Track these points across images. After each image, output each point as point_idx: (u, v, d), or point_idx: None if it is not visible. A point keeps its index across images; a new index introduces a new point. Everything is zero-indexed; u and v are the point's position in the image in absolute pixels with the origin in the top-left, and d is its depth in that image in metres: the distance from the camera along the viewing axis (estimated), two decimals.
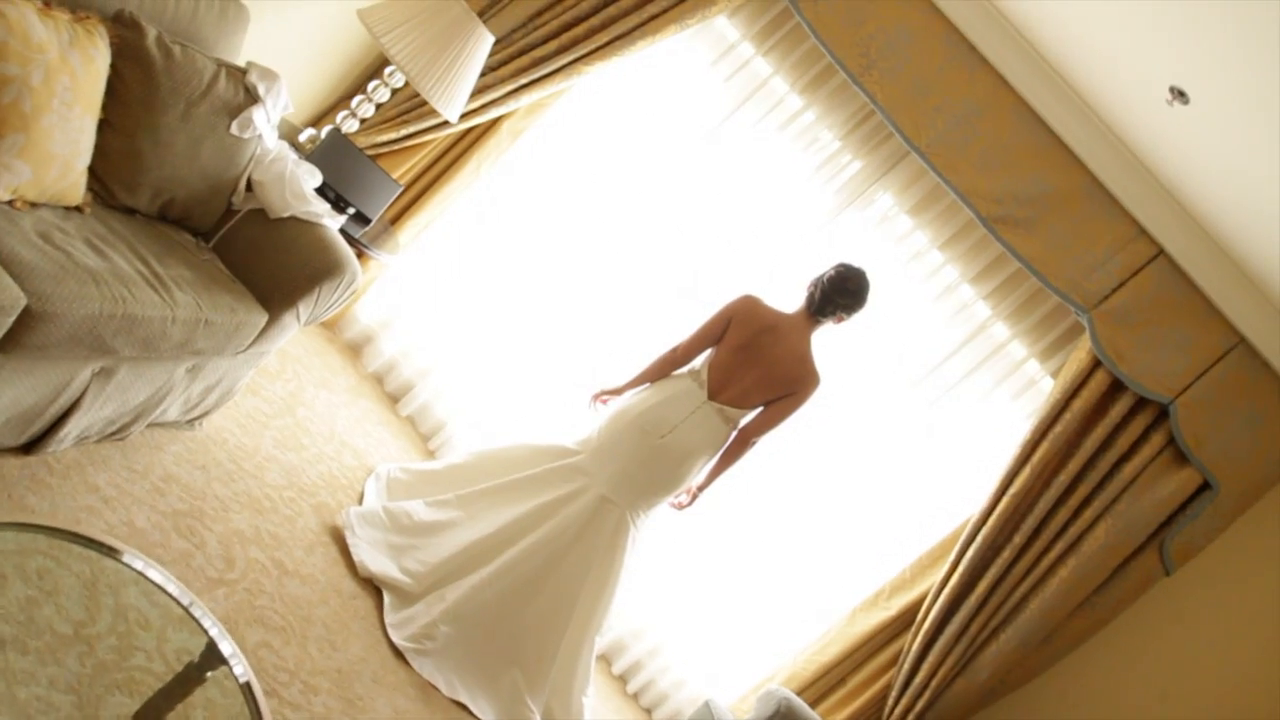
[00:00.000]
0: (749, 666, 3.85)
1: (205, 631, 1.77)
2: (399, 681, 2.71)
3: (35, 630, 1.57)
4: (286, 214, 2.65)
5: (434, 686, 2.81)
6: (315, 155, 3.15)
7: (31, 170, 1.99)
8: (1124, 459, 3.35)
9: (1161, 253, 3.31)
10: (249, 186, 2.67)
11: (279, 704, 2.26)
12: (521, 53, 3.63)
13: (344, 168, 3.28)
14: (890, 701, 3.49)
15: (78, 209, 2.20)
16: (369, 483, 3.33)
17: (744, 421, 3.20)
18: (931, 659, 3.42)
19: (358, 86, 3.73)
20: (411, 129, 3.63)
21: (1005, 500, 3.37)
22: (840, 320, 3.20)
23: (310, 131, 3.45)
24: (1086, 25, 2.90)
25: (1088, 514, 3.34)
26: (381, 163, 3.67)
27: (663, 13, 3.54)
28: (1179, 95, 2.68)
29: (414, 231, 3.89)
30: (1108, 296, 3.33)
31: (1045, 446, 3.34)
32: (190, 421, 2.74)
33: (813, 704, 3.56)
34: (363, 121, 3.62)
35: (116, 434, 2.42)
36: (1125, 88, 3.00)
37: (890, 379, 3.77)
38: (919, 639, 3.45)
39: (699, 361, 3.24)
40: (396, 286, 4.09)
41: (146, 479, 2.46)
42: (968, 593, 3.42)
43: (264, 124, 2.55)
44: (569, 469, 3.17)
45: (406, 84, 3.58)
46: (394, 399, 4.10)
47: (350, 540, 2.97)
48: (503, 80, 3.61)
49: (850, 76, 3.46)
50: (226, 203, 2.64)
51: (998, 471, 3.43)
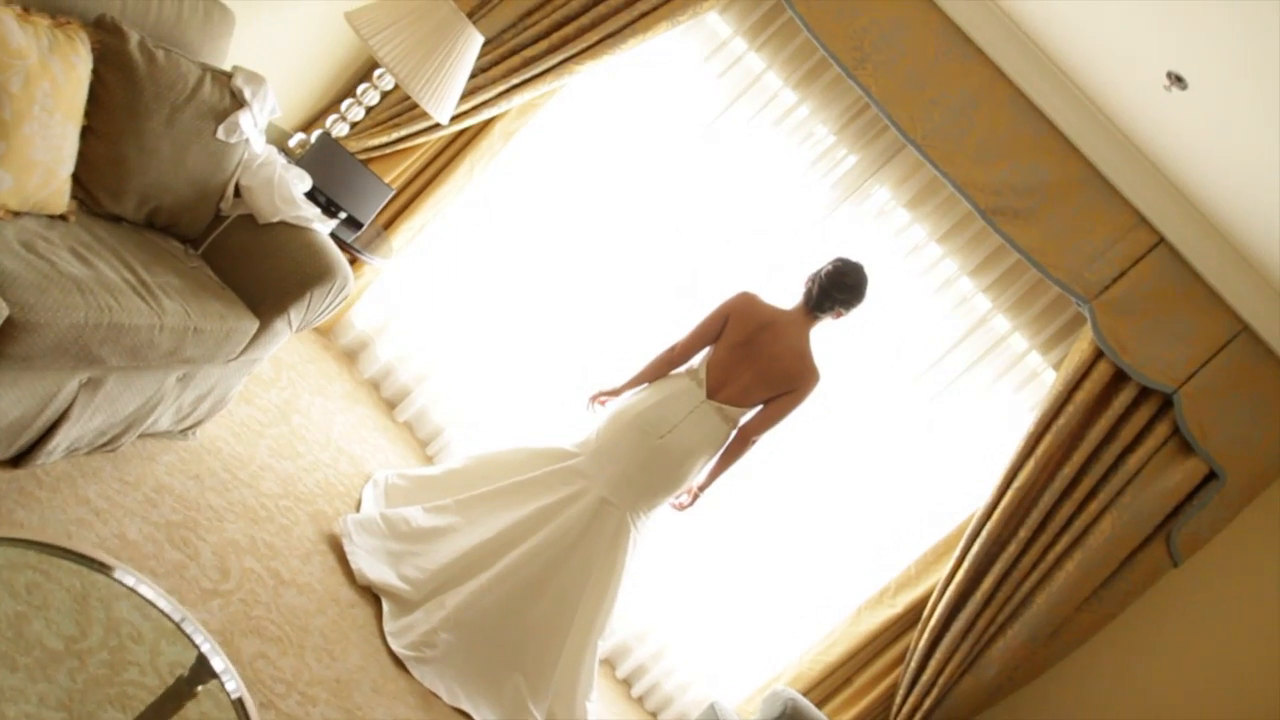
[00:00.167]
0: (754, 667, 3.82)
1: (197, 647, 1.74)
2: (399, 690, 2.67)
3: (24, 646, 1.54)
4: (276, 219, 2.61)
5: (435, 695, 2.77)
6: (305, 160, 3.13)
7: (13, 178, 1.96)
8: (1128, 450, 3.32)
9: (1162, 241, 3.29)
10: (237, 192, 2.64)
11: (276, 716, 2.23)
12: (512, 53, 3.61)
13: (334, 172, 3.25)
14: (897, 700, 3.46)
15: (62, 217, 2.16)
16: (366, 489, 3.30)
17: (744, 420, 3.17)
18: (938, 656, 3.39)
19: (347, 90, 3.70)
20: (403, 132, 3.61)
21: (1009, 494, 3.34)
22: (839, 315, 3.17)
23: (300, 136, 3.42)
24: (1081, 12, 2.87)
25: (1093, 507, 3.31)
26: (374, 167, 3.64)
27: (653, 10, 3.52)
28: (1176, 80, 2.65)
29: (408, 236, 3.86)
30: (1108, 286, 3.31)
31: (1049, 439, 3.31)
32: (183, 431, 2.71)
33: (819, 704, 3.53)
34: (353, 125, 3.59)
35: (107, 445, 2.39)
36: (1122, 74, 2.97)
37: (891, 374, 3.74)
38: (925, 636, 3.42)
39: (697, 360, 3.21)
40: (391, 291, 4.06)
41: (138, 490, 2.42)
42: (973, 588, 3.39)
43: (251, 128, 2.52)
44: (568, 471, 3.14)
45: (396, 87, 3.55)
46: (391, 405, 4.06)
47: (348, 548, 2.94)
48: (494, 81, 3.59)
49: (844, 70, 3.44)
50: (215, 209, 2.61)
51: (1001, 465, 3.40)
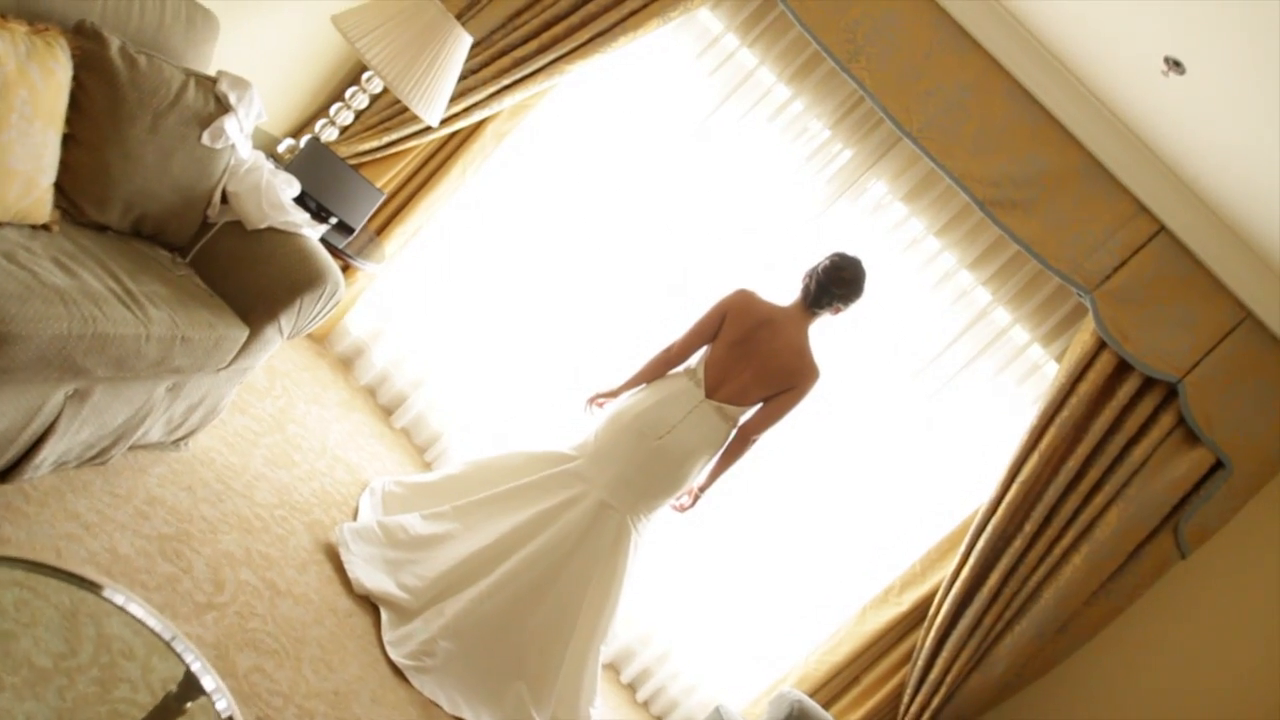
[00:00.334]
0: (760, 669, 3.78)
1: (187, 666, 1.70)
2: (399, 701, 2.63)
3: (12, 665, 1.51)
4: (264, 225, 2.58)
5: (436, 704, 2.73)
6: (294, 165, 3.09)
7: None
8: (1133, 441, 3.28)
9: (1162, 229, 3.25)
10: (224, 198, 2.60)
11: None
12: (502, 53, 3.58)
13: (324, 177, 3.21)
14: (905, 699, 3.42)
15: (45, 227, 2.13)
16: (363, 498, 3.26)
17: (743, 419, 3.13)
18: (946, 654, 3.35)
19: (336, 94, 3.66)
20: (394, 136, 3.57)
21: (1014, 489, 3.30)
22: (837, 311, 3.13)
23: (289, 142, 3.39)
24: None
25: (1099, 499, 3.27)
26: (365, 171, 3.61)
27: (643, 7, 3.49)
28: (1174, 66, 2.61)
29: (401, 240, 3.83)
30: (1109, 276, 3.27)
31: (1052, 432, 3.27)
32: (175, 442, 2.67)
33: (826, 705, 3.49)
34: (343, 130, 3.56)
35: (96, 458, 2.35)
36: (1118, 61, 2.93)
37: (891, 369, 3.70)
38: (932, 634, 3.38)
39: (695, 359, 3.17)
40: (386, 297, 4.02)
41: (129, 503, 2.38)
42: (980, 585, 3.35)
43: (237, 134, 2.48)
44: (567, 475, 3.10)
45: (386, 90, 3.52)
46: (387, 411, 4.03)
47: (345, 557, 2.90)
48: (484, 82, 3.56)
49: (838, 64, 3.41)
50: (202, 216, 2.57)
51: (1005, 459, 3.36)
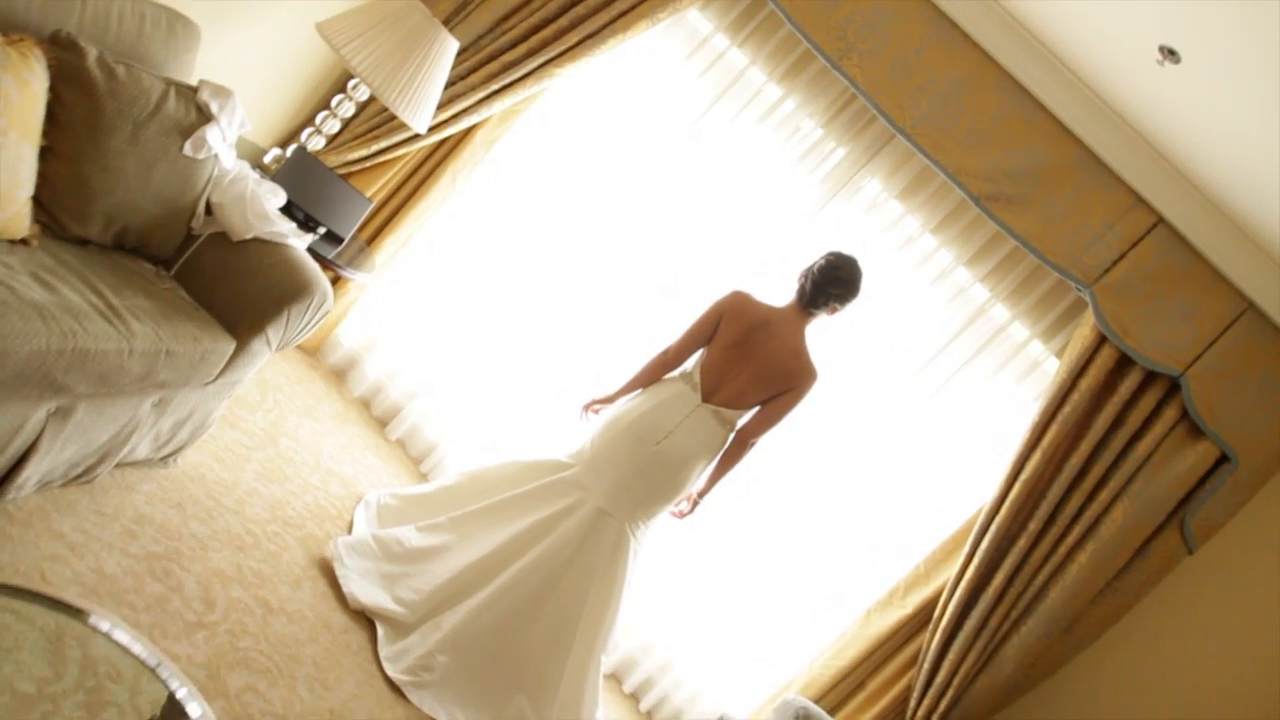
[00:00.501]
0: (764, 675, 3.73)
1: (172, 692, 1.66)
2: (396, 717, 2.58)
3: None
4: (249, 235, 2.53)
5: None
6: (280, 175, 3.05)
7: None
8: (1137, 436, 3.24)
9: (1161, 221, 3.21)
10: (209, 209, 2.56)
11: None
12: (490, 58, 3.55)
13: (311, 186, 3.17)
14: (912, 703, 3.37)
15: (23, 242, 2.08)
16: (358, 511, 3.21)
17: (741, 422, 3.08)
18: (952, 656, 3.30)
19: (323, 103, 3.62)
20: (382, 144, 3.53)
21: (1017, 487, 3.25)
22: (834, 311, 3.09)
23: (276, 152, 3.35)
24: None
25: (1104, 495, 3.22)
26: (354, 181, 3.57)
27: (632, 9, 3.46)
28: (1169, 54, 2.58)
29: (392, 250, 3.79)
30: (1108, 269, 3.23)
31: (1055, 429, 3.22)
32: (163, 459, 2.62)
33: (831, 711, 3.43)
34: (331, 139, 3.52)
35: (82, 476, 2.31)
36: (1112, 51, 2.90)
37: (890, 369, 3.66)
38: (938, 636, 3.33)
39: (691, 363, 3.13)
40: (378, 307, 3.98)
41: (117, 522, 2.34)
42: (985, 585, 3.31)
43: (219, 143, 2.44)
44: (563, 483, 3.06)
45: (373, 98, 3.48)
46: (382, 423, 3.98)
47: (339, 572, 2.85)
48: (473, 88, 3.52)
49: (829, 61, 3.37)
50: (186, 228, 2.52)
51: (1007, 457, 3.32)
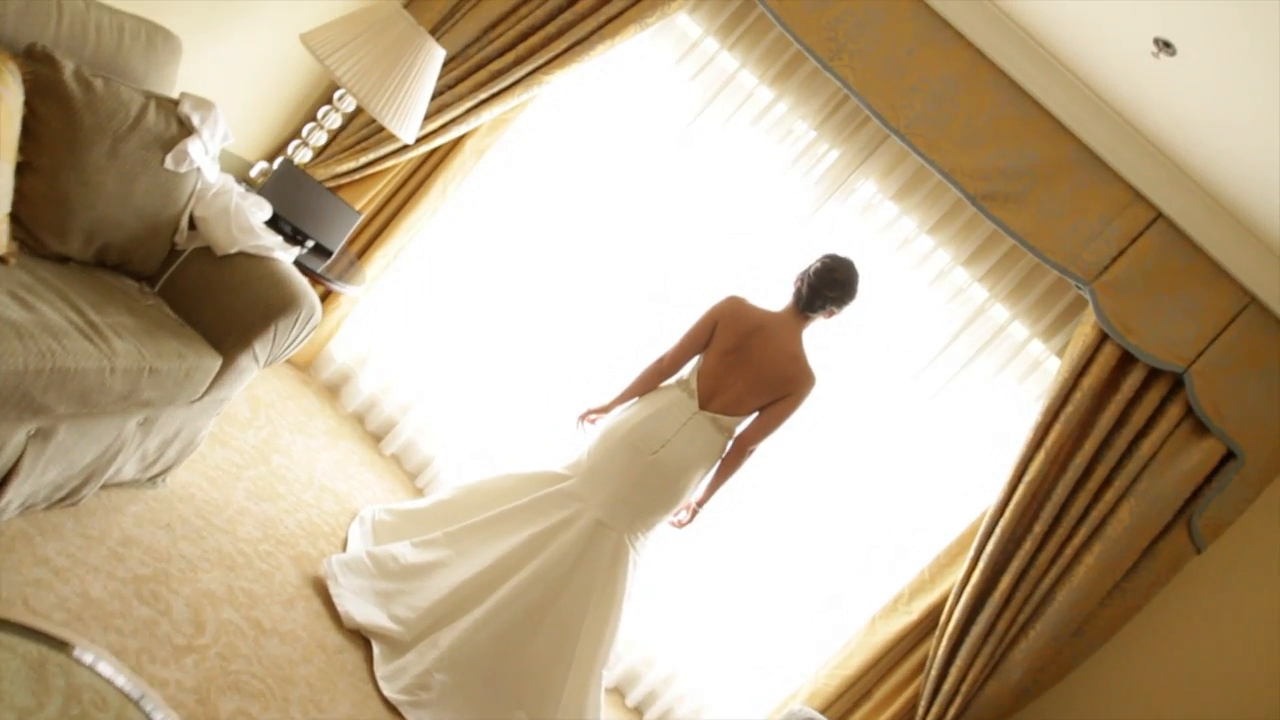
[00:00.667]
0: (769, 686, 3.67)
1: None
2: None
3: None
4: (234, 250, 2.49)
5: None
6: (266, 188, 3.01)
7: None
8: (1141, 435, 3.19)
9: (1160, 216, 3.18)
10: (192, 224, 2.51)
11: None
12: (478, 67, 3.51)
13: (298, 199, 3.13)
14: (920, 711, 3.31)
15: (1, 260, 2.04)
16: (352, 528, 3.16)
17: (740, 429, 3.03)
18: (960, 662, 3.24)
19: (309, 115, 3.59)
20: (370, 156, 3.50)
21: (1021, 489, 3.20)
22: (831, 314, 3.04)
23: (262, 165, 3.31)
24: None
25: (1109, 495, 3.18)
26: (343, 193, 3.53)
27: (620, 14, 3.43)
28: (1164, 46, 2.55)
29: (383, 262, 3.75)
30: (1108, 266, 3.19)
31: (1058, 429, 3.18)
32: (151, 479, 2.57)
33: None
34: (318, 151, 3.48)
35: (66, 499, 2.26)
36: (1107, 44, 2.86)
37: (889, 371, 3.61)
38: (945, 642, 3.27)
39: (687, 370, 3.08)
40: (371, 321, 3.94)
41: (103, 544, 2.28)
42: (991, 589, 3.25)
43: (202, 156, 2.40)
44: (560, 495, 3.01)
45: (360, 110, 3.44)
46: (376, 438, 3.93)
47: (334, 590, 2.80)
48: (461, 97, 3.49)
49: (820, 62, 3.34)
50: (169, 243, 2.48)
51: (1011, 459, 3.27)
